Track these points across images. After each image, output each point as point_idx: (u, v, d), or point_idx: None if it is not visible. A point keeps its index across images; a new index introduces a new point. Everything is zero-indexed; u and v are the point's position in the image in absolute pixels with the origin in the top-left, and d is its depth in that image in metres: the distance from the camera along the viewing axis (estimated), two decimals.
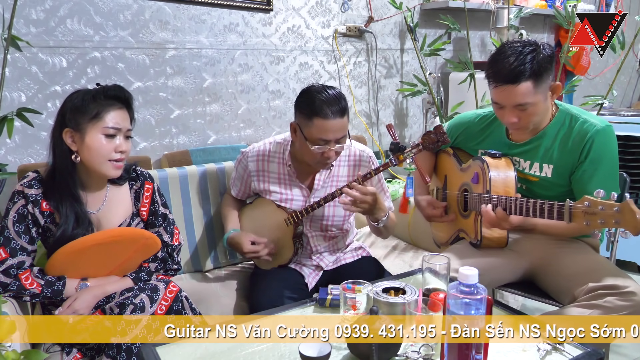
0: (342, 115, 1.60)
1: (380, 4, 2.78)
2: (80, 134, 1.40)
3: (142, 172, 1.59)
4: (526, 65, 1.44)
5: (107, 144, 1.41)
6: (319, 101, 1.56)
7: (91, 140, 1.40)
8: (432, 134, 1.60)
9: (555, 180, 1.58)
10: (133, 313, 1.34)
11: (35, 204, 1.41)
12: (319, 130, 1.57)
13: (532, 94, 1.46)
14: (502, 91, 1.48)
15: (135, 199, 1.56)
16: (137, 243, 1.47)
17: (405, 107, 3.03)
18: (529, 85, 1.45)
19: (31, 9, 1.88)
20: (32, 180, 1.42)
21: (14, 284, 1.37)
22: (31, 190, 1.41)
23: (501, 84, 1.47)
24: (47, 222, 1.43)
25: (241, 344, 1.20)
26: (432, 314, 1.17)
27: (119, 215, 1.52)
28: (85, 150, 1.40)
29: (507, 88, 1.46)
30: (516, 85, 1.45)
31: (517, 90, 1.45)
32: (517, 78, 1.44)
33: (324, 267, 1.80)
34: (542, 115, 1.55)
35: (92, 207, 1.48)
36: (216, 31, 2.29)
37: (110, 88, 1.44)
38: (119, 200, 1.53)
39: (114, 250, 1.45)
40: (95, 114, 1.40)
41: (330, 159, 1.63)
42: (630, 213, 1.21)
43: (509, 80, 1.45)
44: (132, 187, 1.56)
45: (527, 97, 1.46)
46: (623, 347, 2.16)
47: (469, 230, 1.68)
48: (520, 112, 1.50)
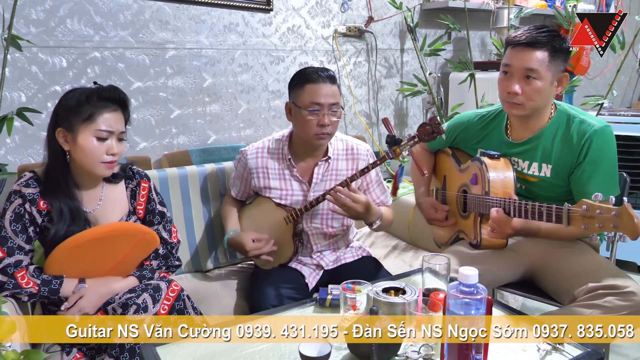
0: (332, 82, 1.69)
1: (380, 4, 2.78)
2: (72, 135, 1.40)
3: (138, 171, 1.59)
4: (548, 37, 1.50)
5: (98, 146, 1.40)
6: (308, 71, 1.70)
7: (83, 142, 1.39)
8: (427, 125, 1.61)
9: (554, 180, 1.58)
10: (136, 313, 1.34)
11: (32, 203, 1.41)
12: (311, 94, 1.65)
13: (545, 65, 1.50)
14: (518, 52, 1.51)
15: (132, 197, 1.56)
16: (135, 238, 1.47)
17: (405, 107, 3.03)
18: (545, 55, 1.49)
19: (31, 9, 1.88)
20: (29, 179, 1.43)
21: (10, 283, 1.37)
22: (28, 190, 1.41)
23: (520, 45, 1.51)
24: (45, 220, 1.43)
25: (241, 344, 1.20)
26: (432, 314, 1.17)
27: (115, 213, 1.52)
28: (78, 151, 1.40)
29: (523, 50, 1.50)
30: (533, 50, 1.49)
31: (532, 55, 1.49)
32: (537, 44, 1.49)
33: (324, 266, 1.80)
34: (542, 101, 1.54)
35: (89, 206, 1.48)
36: (216, 31, 2.29)
37: (105, 89, 1.43)
38: (115, 199, 1.53)
39: (112, 246, 1.45)
40: (89, 115, 1.39)
41: (325, 127, 1.66)
42: (628, 217, 1.20)
43: (528, 44, 1.50)
44: (128, 186, 1.56)
45: (539, 65, 1.49)
46: (623, 347, 2.16)
47: (469, 231, 1.68)
48: (525, 84, 1.51)
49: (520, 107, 1.54)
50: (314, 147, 1.75)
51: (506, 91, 1.54)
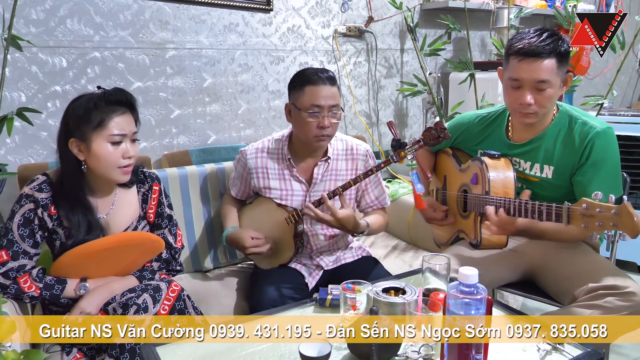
0: (332, 84, 1.69)
1: (380, 4, 2.78)
2: (86, 144, 1.38)
3: (150, 173, 1.58)
4: (552, 44, 1.48)
5: (114, 152, 1.39)
6: (308, 72, 1.69)
7: (98, 149, 1.37)
8: (432, 130, 1.61)
9: (556, 181, 1.58)
10: (136, 313, 1.33)
11: (45, 208, 1.40)
12: (311, 96, 1.65)
13: (554, 73, 1.49)
14: (528, 64, 1.48)
15: (143, 202, 1.55)
16: (143, 246, 1.48)
17: (405, 107, 3.03)
18: (553, 63, 1.48)
19: (31, 9, 1.88)
20: (41, 183, 1.41)
21: (12, 287, 1.37)
22: (41, 194, 1.40)
23: (527, 57, 1.48)
24: (55, 225, 1.42)
25: (241, 344, 1.20)
26: (432, 314, 1.17)
27: (126, 218, 1.52)
28: (93, 159, 1.39)
29: (533, 62, 1.48)
30: (542, 60, 1.47)
31: (542, 65, 1.47)
32: (544, 53, 1.47)
33: (324, 267, 1.80)
34: (552, 105, 1.55)
35: (102, 211, 1.48)
36: (216, 31, 2.29)
37: (112, 93, 1.41)
38: (127, 204, 1.53)
39: (121, 254, 1.46)
40: (99, 122, 1.37)
41: (325, 129, 1.66)
42: (627, 216, 1.20)
43: (536, 54, 1.47)
44: (140, 190, 1.55)
45: (549, 74, 1.48)
46: (623, 347, 2.16)
47: (469, 230, 1.68)
48: (537, 94, 1.50)
49: (533, 116, 1.54)
50: (313, 148, 1.75)
51: (518, 102, 1.53)
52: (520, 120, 1.58)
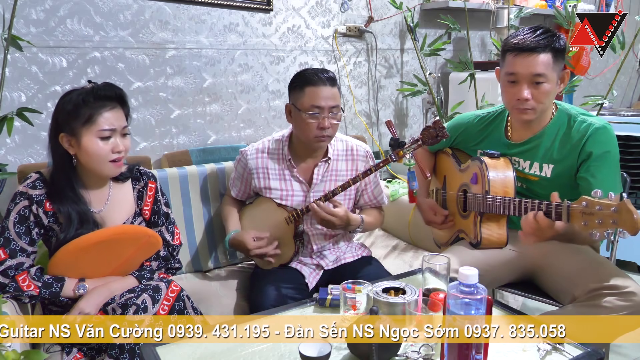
0: (332, 85, 1.68)
1: (380, 4, 2.78)
2: (76, 139, 1.39)
3: (146, 171, 1.59)
4: (548, 39, 1.50)
5: (104, 146, 1.40)
6: (308, 73, 1.69)
7: (87, 145, 1.38)
8: (431, 129, 1.61)
9: (555, 180, 1.58)
10: (136, 313, 1.33)
11: (39, 205, 1.40)
12: (311, 97, 1.65)
13: (550, 68, 1.50)
14: (523, 59, 1.50)
15: (139, 198, 1.56)
16: (139, 241, 1.47)
17: (405, 107, 3.03)
18: (549, 58, 1.49)
19: (31, 9, 1.88)
20: (35, 180, 1.42)
21: (11, 286, 1.37)
22: (35, 191, 1.40)
23: (523, 52, 1.50)
24: (51, 221, 1.42)
25: (241, 344, 1.20)
26: (432, 314, 1.17)
27: (122, 214, 1.52)
28: (84, 154, 1.40)
29: (528, 56, 1.49)
30: (538, 55, 1.49)
31: (538, 60, 1.49)
32: (539, 48, 1.49)
33: (324, 267, 1.80)
34: (550, 101, 1.55)
35: (96, 206, 1.48)
36: (216, 31, 2.29)
37: (100, 88, 1.41)
38: (122, 199, 1.53)
39: (117, 248, 1.45)
40: (88, 117, 1.38)
41: (325, 130, 1.67)
42: (627, 213, 1.20)
43: (531, 49, 1.49)
44: (135, 187, 1.56)
45: (545, 68, 1.49)
46: (623, 347, 2.16)
47: (469, 230, 1.68)
48: (534, 89, 1.51)
49: (531, 112, 1.54)
50: (313, 148, 1.75)
51: (515, 98, 1.53)
52: (518, 117, 1.59)
